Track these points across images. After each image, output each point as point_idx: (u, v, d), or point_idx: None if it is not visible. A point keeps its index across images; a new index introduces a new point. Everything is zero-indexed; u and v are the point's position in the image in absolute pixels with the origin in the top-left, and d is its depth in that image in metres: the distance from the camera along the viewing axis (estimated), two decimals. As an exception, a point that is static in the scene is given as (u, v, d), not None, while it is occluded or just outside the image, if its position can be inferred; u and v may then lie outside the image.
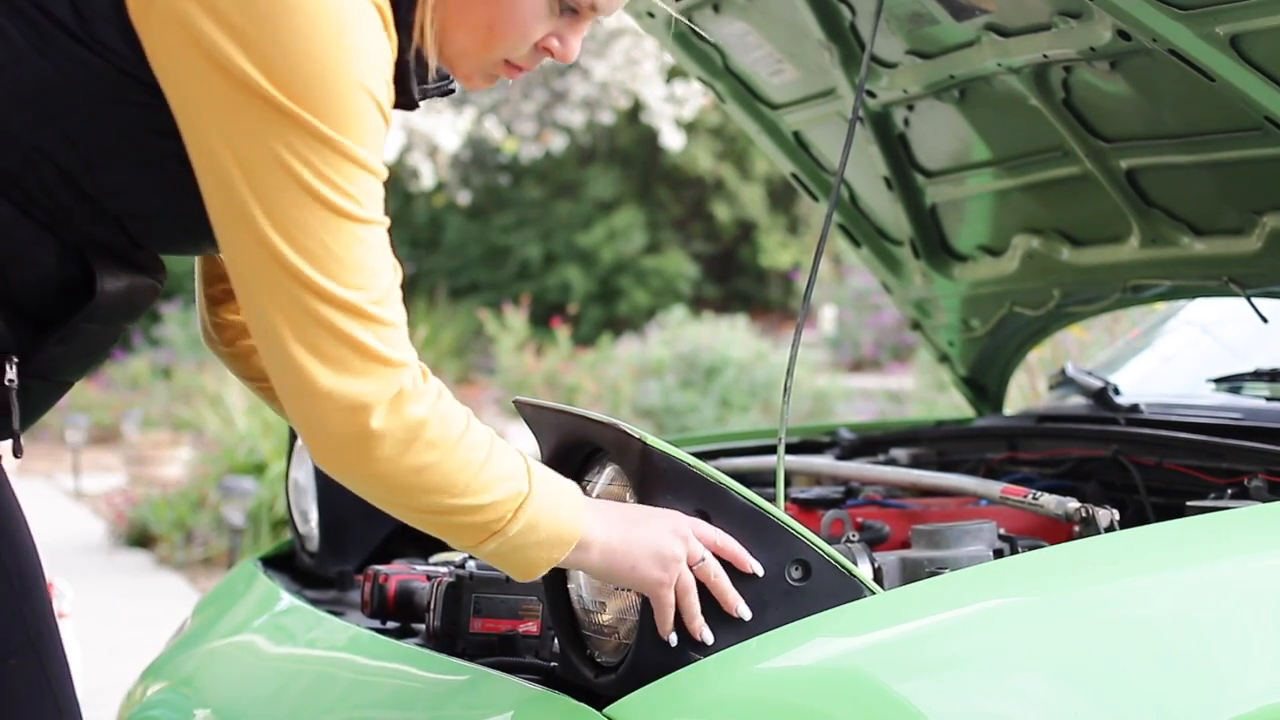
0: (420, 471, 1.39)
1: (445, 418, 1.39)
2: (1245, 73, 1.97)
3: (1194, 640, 1.52)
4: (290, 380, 1.37)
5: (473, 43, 1.50)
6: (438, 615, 1.96)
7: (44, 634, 1.52)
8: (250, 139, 1.33)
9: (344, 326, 1.34)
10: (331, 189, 1.34)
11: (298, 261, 1.34)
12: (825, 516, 1.99)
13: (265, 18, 1.32)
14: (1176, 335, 3.26)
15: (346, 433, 1.36)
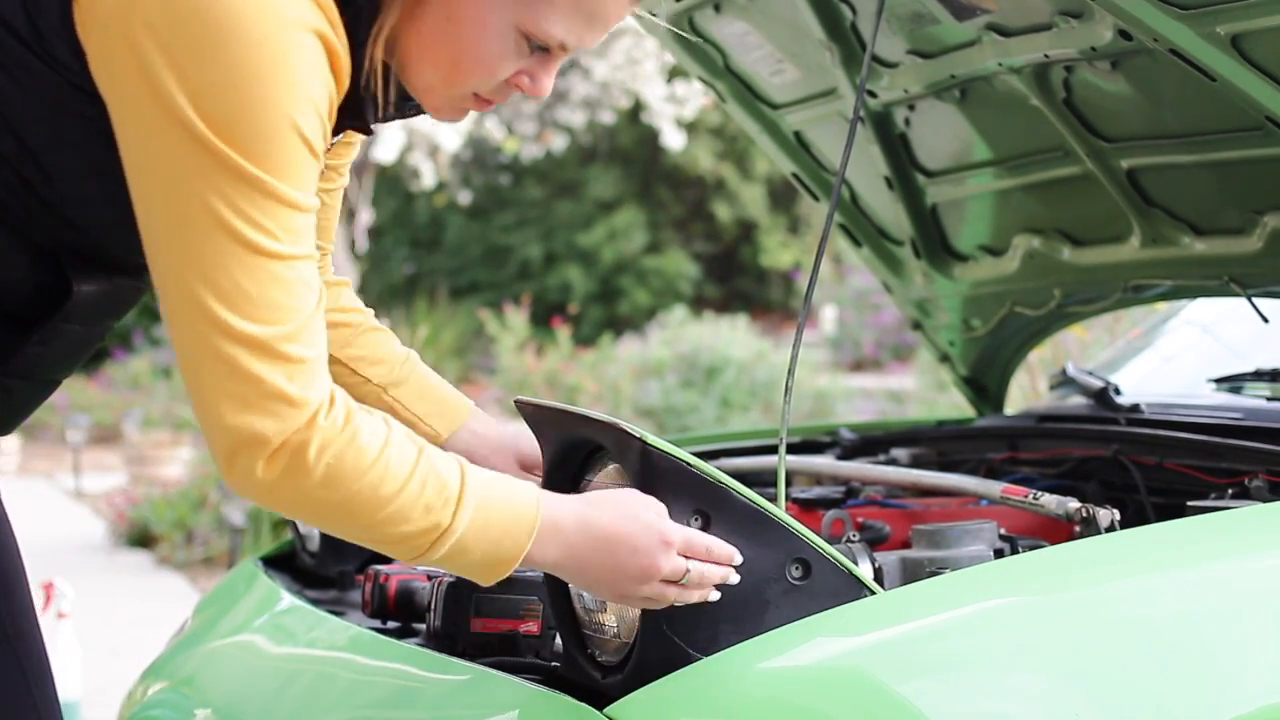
0: (318, 505, 1.39)
1: (345, 454, 1.37)
2: (1246, 72, 1.97)
3: (1194, 640, 1.52)
4: (197, 408, 1.37)
5: (438, 78, 1.49)
6: (438, 615, 1.96)
7: (23, 632, 1.52)
8: (173, 169, 1.33)
9: (247, 364, 1.34)
10: (249, 225, 1.33)
11: (207, 297, 1.33)
12: (826, 516, 1.99)
13: (198, 45, 1.30)
14: (1177, 335, 3.26)
15: (246, 466, 1.36)
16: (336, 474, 1.37)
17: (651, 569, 1.49)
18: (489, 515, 1.44)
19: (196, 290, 1.33)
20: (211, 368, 1.34)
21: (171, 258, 1.34)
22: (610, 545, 1.49)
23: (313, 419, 1.36)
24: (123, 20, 1.32)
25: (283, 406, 1.34)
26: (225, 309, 1.33)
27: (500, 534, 1.45)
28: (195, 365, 1.35)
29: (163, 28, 1.31)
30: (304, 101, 1.34)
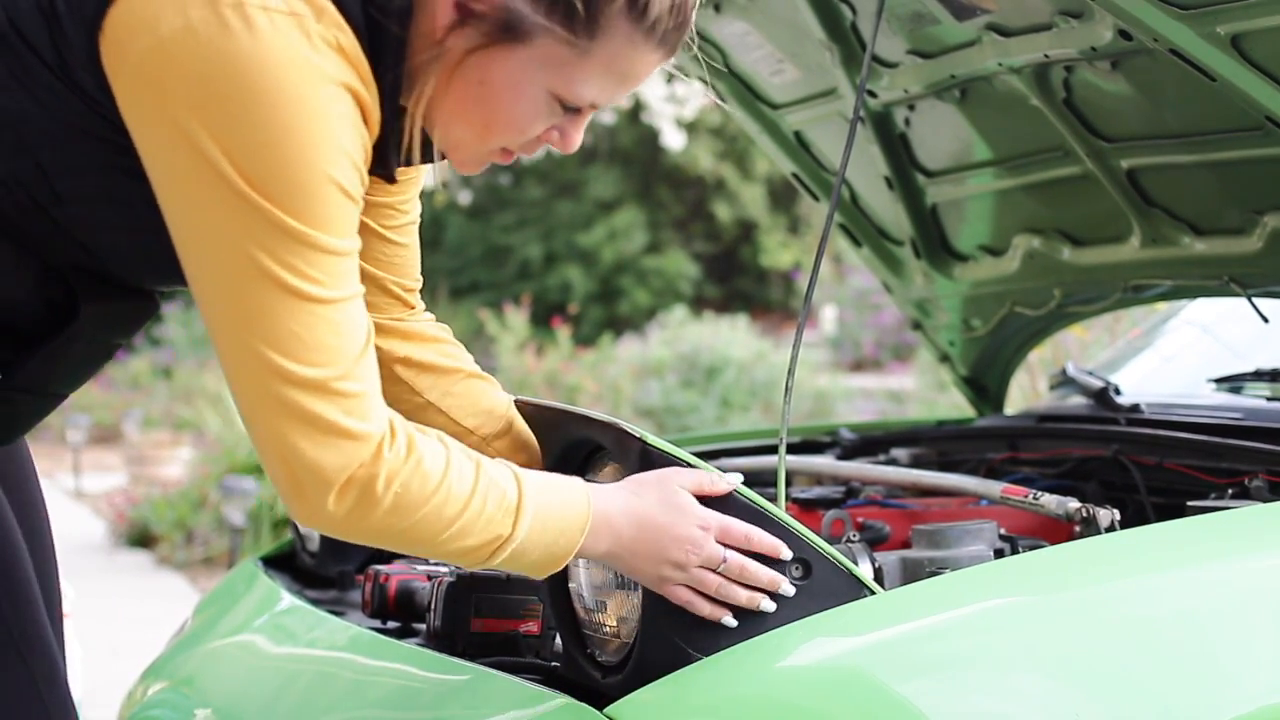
0: (384, 532, 1.43)
1: (410, 483, 1.41)
2: (1246, 72, 1.96)
3: (1195, 640, 1.52)
4: (260, 449, 1.40)
5: (469, 136, 1.51)
6: (438, 615, 1.96)
7: (29, 634, 1.53)
8: (215, 223, 1.34)
9: (307, 404, 1.36)
10: (295, 276, 1.35)
11: (261, 346, 1.35)
12: (826, 516, 1.99)
13: (232, 104, 1.31)
14: (1177, 335, 3.25)
15: (316, 501, 1.39)
16: (404, 503, 1.41)
17: (691, 553, 1.53)
18: (546, 519, 1.49)
19: (250, 340, 1.36)
20: (274, 411, 1.37)
21: (222, 309, 1.37)
22: (654, 531, 1.53)
23: (377, 452, 1.39)
24: (155, 73, 1.33)
25: (344, 441, 1.37)
26: (280, 356, 1.35)
27: (556, 534, 1.50)
28: (257, 411, 1.38)
29: (196, 86, 1.31)
30: (339, 154, 1.36)
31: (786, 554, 1.54)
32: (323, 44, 1.34)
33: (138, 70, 1.33)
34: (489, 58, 1.44)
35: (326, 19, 1.35)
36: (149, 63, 1.32)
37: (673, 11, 1.45)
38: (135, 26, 1.33)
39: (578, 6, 1.41)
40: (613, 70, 1.47)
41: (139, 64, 1.33)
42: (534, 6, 1.41)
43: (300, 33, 1.33)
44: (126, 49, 1.34)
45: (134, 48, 1.33)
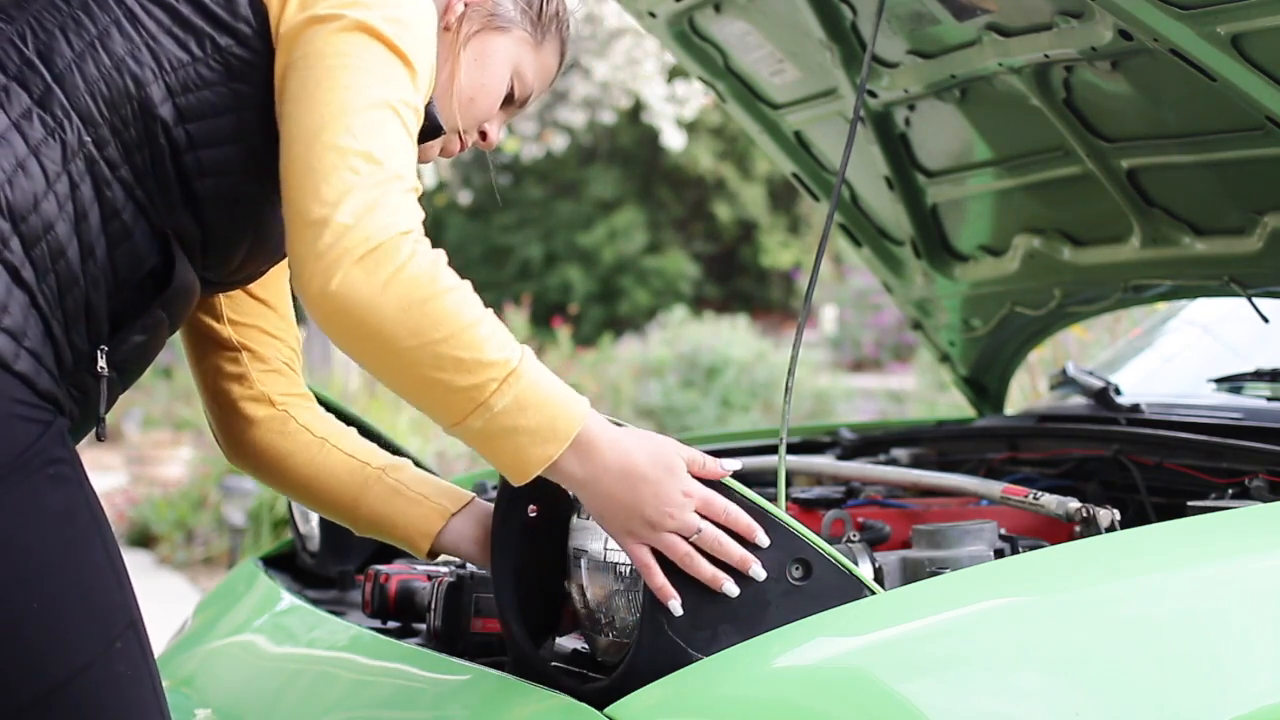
0: (407, 308, 1.44)
1: (437, 267, 1.47)
2: (1246, 72, 1.96)
3: (1195, 640, 1.52)
4: (306, 212, 1.46)
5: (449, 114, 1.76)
6: (439, 615, 1.96)
7: (139, 619, 1.56)
8: (366, 78, 1.52)
9: (371, 177, 1.46)
10: (398, 96, 1.53)
11: (355, 126, 1.49)
12: (826, 516, 1.99)
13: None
14: (1177, 335, 3.26)
15: (336, 252, 1.44)
16: (428, 277, 1.45)
17: (666, 516, 1.52)
18: (548, 380, 1.51)
19: (345, 121, 1.49)
20: (338, 178, 1.46)
21: (325, 103, 1.50)
22: (635, 482, 1.53)
23: (411, 232, 1.47)
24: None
25: (397, 215, 1.46)
26: (368, 137, 1.49)
27: (550, 418, 1.50)
28: (317, 179, 1.46)
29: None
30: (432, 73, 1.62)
31: (764, 539, 1.54)
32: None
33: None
34: (484, 38, 1.77)
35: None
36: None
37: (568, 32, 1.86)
38: None
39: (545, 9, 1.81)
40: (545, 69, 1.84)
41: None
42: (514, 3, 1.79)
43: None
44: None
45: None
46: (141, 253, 1.56)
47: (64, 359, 1.52)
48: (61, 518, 1.48)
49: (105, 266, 1.53)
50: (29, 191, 1.48)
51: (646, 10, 2.74)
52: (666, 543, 1.53)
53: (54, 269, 1.50)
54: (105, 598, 1.51)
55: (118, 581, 1.53)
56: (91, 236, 1.52)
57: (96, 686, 1.49)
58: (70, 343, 1.53)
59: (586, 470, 1.52)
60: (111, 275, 1.54)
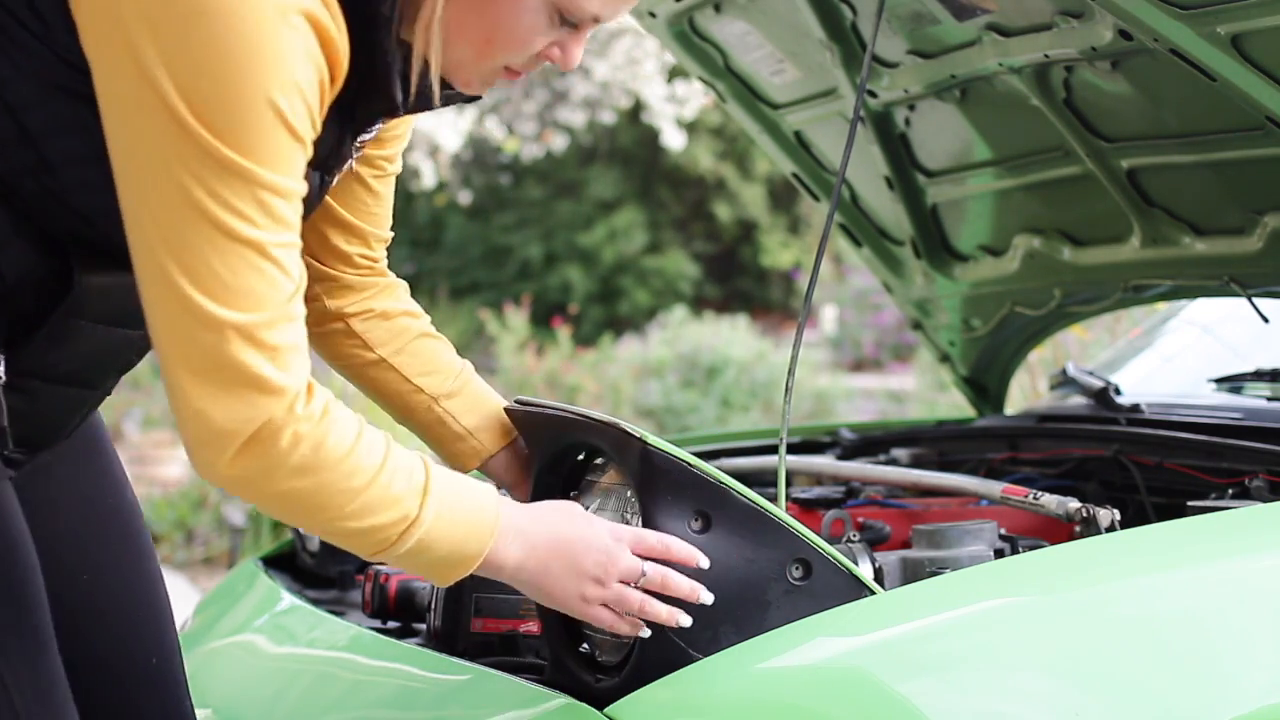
0: (286, 496, 1.38)
1: (320, 445, 1.36)
2: (1246, 72, 1.96)
3: (1195, 640, 1.52)
4: (170, 392, 1.35)
5: (471, 53, 1.48)
6: (438, 615, 1.96)
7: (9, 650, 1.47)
8: (151, 147, 1.31)
9: (224, 349, 1.32)
10: (226, 210, 1.31)
11: (183, 281, 1.31)
12: (826, 516, 1.99)
13: (181, 24, 1.29)
14: (1177, 335, 3.25)
15: (217, 452, 1.34)
16: (309, 464, 1.36)
17: (608, 565, 1.50)
18: (454, 509, 1.45)
19: (172, 274, 1.31)
20: (187, 353, 1.32)
21: (147, 238, 1.32)
22: (567, 543, 1.50)
23: (291, 407, 1.35)
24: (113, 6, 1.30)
25: (260, 395, 1.33)
26: (202, 295, 1.31)
27: (465, 530, 1.46)
28: (171, 350, 1.34)
29: (151, 8, 1.29)
30: (288, 85, 1.32)
31: (704, 562, 1.52)
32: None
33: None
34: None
35: None
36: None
37: None
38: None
39: None
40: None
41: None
42: None
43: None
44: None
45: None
46: (26, 260, 1.45)
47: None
48: None
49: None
50: None
51: (646, 10, 2.74)
52: (619, 596, 1.51)
53: None
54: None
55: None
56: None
57: None
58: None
59: (518, 553, 1.49)
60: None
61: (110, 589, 1.73)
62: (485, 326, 12.69)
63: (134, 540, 1.77)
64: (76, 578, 1.70)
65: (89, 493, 1.74)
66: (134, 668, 1.73)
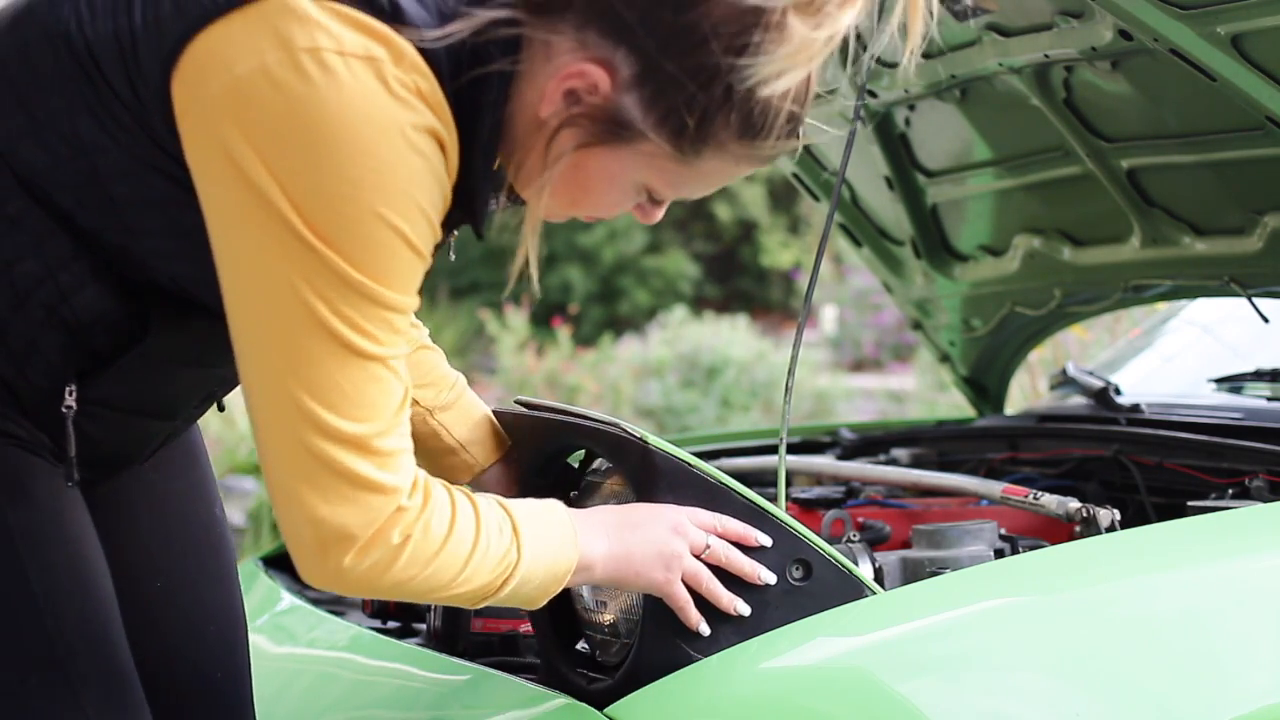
0: (402, 584, 1.39)
1: (428, 531, 1.37)
2: (1246, 73, 1.96)
3: (1195, 640, 1.52)
4: (281, 503, 1.35)
5: (557, 206, 1.48)
6: (439, 615, 1.96)
7: (77, 651, 1.47)
8: (270, 266, 1.30)
9: (340, 459, 1.32)
10: (349, 328, 1.31)
11: (302, 394, 1.31)
12: (826, 516, 1.99)
13: (302, 151, 1.28)
14: (1177, 335, 3.26)
15: (338, 559, 1.35)
16: (421, 552, 1.37)
17: (680, 527, 1.51)
18: (541, 540, 1.46)
19: (290, 387, 1.31)
20: (304, 463, 1.32)
21: (264, 352, 1.32)
22: (639, 522, 1.52)
23: (397, 506, 1.35)
24: (224, 112, 1.29)
25: (377, 498, 1.33)
26: (322, 407, 1.31)
27: (555, 553, 1.47)
28: (284, 461, 1.33)
29: (266, 129, 1.28)
30: (412, 208, 1.32)
31: (765, 540, 1.54)
32: (401, 89, 1.30)
33: (208, 108, 1.30)
34: (590, 153, 1.41)
35: (406, 63, 1.30)
36: (220, 101, 1.29)
37: (781, 138, 1.42)
38: (211, 65, 1.29)
39: (689, 125, 1.36)
40: (709, 179, 1.45)
41: (210, 102, 1.30)
42: (644, 116, 1.37)
43: (377, 79, 1.28)
44: (199, 88, 1.30)
45: (207, 86, 1.29)
46: (103, 304, 1.44)
47: (19, 394, 1.45)
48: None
49: (55, 311, 1.43)
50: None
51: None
52: (694, 570, 1.52)
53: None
54: (15, 631, 1.44)
55: (38, 615, 1.45)
56: (26, 282, 1.41)
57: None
58: (26, 379, 1.44)
59: (606, 544, 1.51)
60: (67, 320, 1.43)
61: (181, 601, 1.72)
62: (485, 326, 12.69)
63: (216, 556, 1.76)
64: (148, 584, 1.69)
65: (178, 504, 1.74)
66: (198, 682, 1.72)
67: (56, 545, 1.48)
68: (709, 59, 1.33)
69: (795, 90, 1.39)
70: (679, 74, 1.34)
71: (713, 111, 1.36)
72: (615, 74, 1.36)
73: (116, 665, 1.50)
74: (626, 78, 1.36)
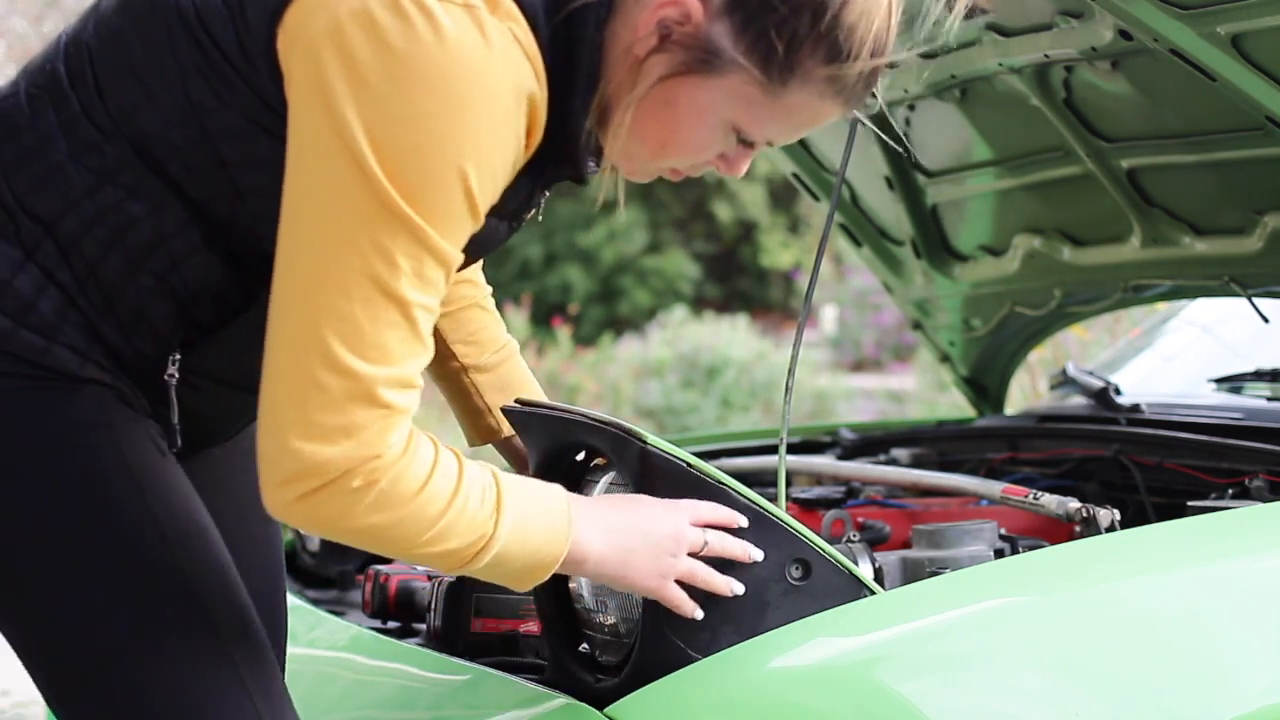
0: (362, 531, 1.37)
1: (399, 479, 1.36)
2: (1246, 72, 1.96)
3: (1195, 640, 1.52)
4: (264, 426, 1.35)
5: (645, 152, 1.49)
6: (439, 615, 1.96)
7: (209, 584, 1.47)
8: (328, 190, 1.32)
9: (339, 397, 1.32)
10: (382, 260, 1.32)
11: (320, 323, 1.32)
12: (826, 516, 1.99)
13: (389, 87, 1.30)
14: (1177, 335, 3.26)
15: (300, 490, 1.34)
16: (389, 500, 1.35)
17: (680, 533, 1.50)
18: (528, 519, 1.44)
19: (312, 312, 1.32)
20: (300, 392, 1.32)
21: (298, 275, 1.33)
22: (637, 521, 1.50)
23: (374, 460, 1.34)
24: (322, 48, 1.32)
25: (357, 445, 1.32)
26: (335, 337, 1.31)
27: (541, 539, 1.45)
28: (281, 385, 1.34)
29: (358, 64, 1.31)
30: (483, 164, 1.34)
31: (743, 521, 1.53)
32: (498, 38, 1.32)
33: (308, 46, 1.33)
34: (679, 84, 1.42)
35: (501, 10, 1.33)
36: (319, 37, 1.32)
37: (864, 77, 1.47)
38: (315, 7, 1.33)
39: (777, 50, 1.40)
40: (795, 116, 1.48)
41: (310, 40, 1.32)
42: (734, 43, 1.40)
43: (475, 27, 1.31)
44: (301, 30, 1.34)
45: (309, 26, 1.33)
46: (214, 272, 1.48)
47: (125, 361, 1.48)
48: (87, 484, 1.44)
49: (165, 280, 1.46)
50: (61, 197, 1.44)
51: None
52: (689, 569, 1.51)
53: (95, 277, 1.45)
54: (147, 563, 1.45)
55: (168, 546, 1.46)
56: (139, 250, 1.45)
57: (140, 661, 1.43)
58: (133, 347, 1.47)
59: (601, 541, 1.49)
60: (176, 289, 1.47)
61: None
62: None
63: (273, 553, 1.77)
64: None
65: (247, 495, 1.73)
66: None
67: (174, 489, 1.49)
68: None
69: (879, 19, 1.42)
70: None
71: (801, 35, 1.39)
72: (707, 2, 1.39)
73: (242, 601, 1.51)
74: (718, 5, 1.39)
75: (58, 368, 1.44)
